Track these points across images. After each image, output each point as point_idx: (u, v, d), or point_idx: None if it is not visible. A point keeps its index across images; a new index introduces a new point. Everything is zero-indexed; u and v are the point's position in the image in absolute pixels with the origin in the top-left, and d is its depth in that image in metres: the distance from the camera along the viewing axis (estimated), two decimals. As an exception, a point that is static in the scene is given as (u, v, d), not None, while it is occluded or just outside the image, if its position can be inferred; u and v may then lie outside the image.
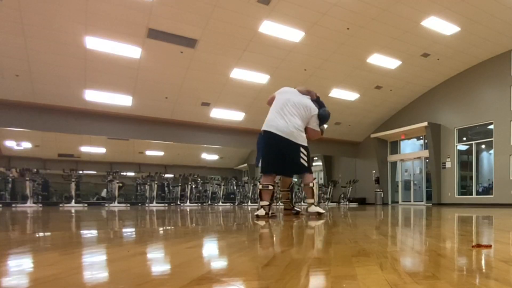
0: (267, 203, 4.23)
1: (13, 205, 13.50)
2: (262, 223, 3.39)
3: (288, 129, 4.25)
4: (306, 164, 4.30)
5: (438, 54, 13.31)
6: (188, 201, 16.59)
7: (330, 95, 15.46)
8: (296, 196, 18.50)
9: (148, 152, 23.41)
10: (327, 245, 1.76)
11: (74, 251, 1.55)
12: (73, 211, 7.90)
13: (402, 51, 12.88)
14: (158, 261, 1.35)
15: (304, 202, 17.86)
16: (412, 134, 17.45)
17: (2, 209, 9.47)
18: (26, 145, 20.19)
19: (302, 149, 4.27)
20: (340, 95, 15.60)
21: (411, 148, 18.46)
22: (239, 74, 13.34)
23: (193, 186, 17.40)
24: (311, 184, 4.44)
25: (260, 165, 4.40)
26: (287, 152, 4.26)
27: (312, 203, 4.47)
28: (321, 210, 4.47)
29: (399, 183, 18.51)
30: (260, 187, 4.31)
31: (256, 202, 17.08)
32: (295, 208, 5.17)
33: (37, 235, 2.36)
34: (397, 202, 18.41)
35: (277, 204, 11.24)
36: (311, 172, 4.50)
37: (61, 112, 13.45)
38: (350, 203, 17.75)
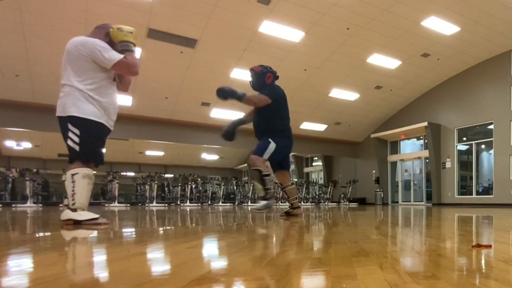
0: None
1: (13, 205, 13.50)
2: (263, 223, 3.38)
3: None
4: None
5: (438, 54, 13.31)
6: (188, 201, 16.59)
7: (330, 95, 15.47)
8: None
9: (148, 152, 23.41)
10: (327, 245, 1.76)
11: (74, 251, 1.56)
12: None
13: (402, 51, 12.88)
14: (158, 261, 1.35)
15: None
16: (412, 134, 17.44)
17: (2, 209, 9.47)
18: (26, 145, 20.19)
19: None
20: (340, 95, 15.60)
21: (411, 148, 18.46)
22: (239, 74, 13.33)
23: (193, 186, 17.40)
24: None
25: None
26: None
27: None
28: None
29: (399, 183, 18.51)
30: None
31: (256, 202, 17.07)
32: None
33: (37, 235, 2.36)
34: (397, 202, 18.41)
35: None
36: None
37: (61, 112, 13.43)
38: (350, 203, 17.75)
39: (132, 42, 3.09)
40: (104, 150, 3.19)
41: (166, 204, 16.54)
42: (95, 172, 3.16)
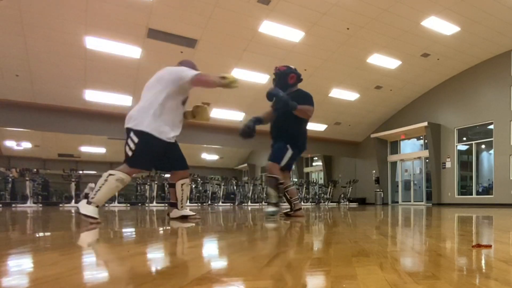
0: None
1: (13, 205, 13.49)
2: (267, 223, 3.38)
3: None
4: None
5: (438, 54, 13.31)
6: (188, 201, 16.58)
7: (330, 95, 15.46)
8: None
9: (148, 152, 23.34)
10: (327, 245, 1.76)
11: (74, 251, 1.56)
12: (73, 211, 7.89)
13: (402, 51, 12.88)
14: (158, 261, 1.35)
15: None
16: (412, 134, 17.44)
17: (2, 209, 9.47)
18: (26, 145, 20.19)
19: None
20: (340, 95, 15.60)
21: (411, 148, 18.46)
22: (239, 74, 13.32)
23: (193, 186, 17.38)
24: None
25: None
26: None
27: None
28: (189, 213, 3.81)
29: (399, 183, 18.51)
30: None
31: (256, 202, 17.08)
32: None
33: (37, 235, 2.36)
34: (397, 202, 18.41)
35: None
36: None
37: (61, 112, 13.44)
38: (350, 203, 17.75)
39: (227, 77, 3.42)
40: (154, 161, 3.45)
41: (166, 204, 16.53)
42: (135, 175, 3.72)
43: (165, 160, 3.46)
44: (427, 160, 16.86)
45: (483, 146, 15.56)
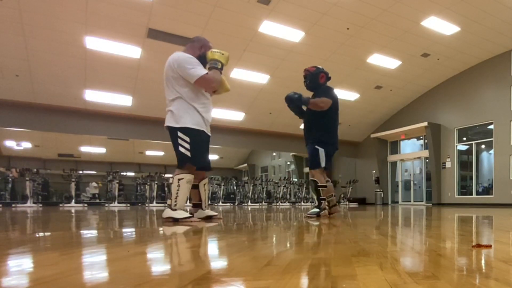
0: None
1: (13, 205, 13.49)
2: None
3: None
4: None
5: (438, 54, 13.31)
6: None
7: (330, 95, 15.44)
8: (296, 196, 18.52)
9: (148, 152, 23.40)
10: (327, 245, 1.76)
11: (74, 251, 1.55)
12: (73, 211, 7.89)
13: (402, 51, 12.88)
14: (158, 261, 1.35)
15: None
16: (412, 134, 17.44)
17: (2, 209, 9.47)
18: (26, 145, 20.19)
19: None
20: (340, 95, 15.45)
21: (411, 148, 18.46)
22: (239, 74, 13.33)
23: (193, 186, 17.36)
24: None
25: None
26: None
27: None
28: (177, 215, 3.34)
29: (399, 183, 18.51)
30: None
31: (256, 202, 17.08)
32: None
33: (37, 235, 2.36)
34: (397, 202, 18.40)
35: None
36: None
37: (61, 112, 13.44)
38: (350, 203, 17.74)
39: (220, 61, 3.48)
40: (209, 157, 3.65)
41: (166, 204, 16.55)
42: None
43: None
44: (427, 160, 16.86)
45: (483, 146, 15.56)
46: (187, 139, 3.31)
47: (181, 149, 3.32)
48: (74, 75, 12.07)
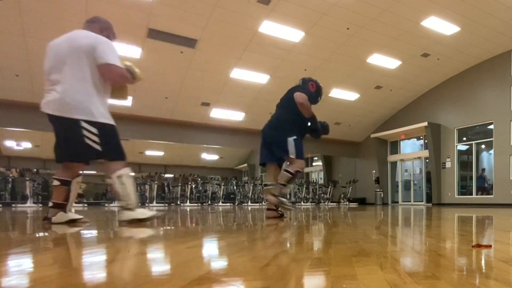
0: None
1: (13, 205, 13.49)
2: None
3: None
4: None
5: (438, 54, 13.31)
6: (188, 201, 16.58)
7: (330, 95, 15.45)
8: (296, 196, 18.51)
9: (148, 152, 23.40)
10: (327, 245, 1.76)
11: (74, 251, 1.56)
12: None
13: (402, 51, 12.88)
14: (158, 261, 1.35)
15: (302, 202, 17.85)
16: (412, 134, 17.44)
17: (2, 209, 9.47)
18: (26, 145, 20.19)
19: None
20: (340, 95, 15.59)
21: (411, 148, 18.45)
22: (239, 74, 13.34)
23: (193, 186, 17.39)
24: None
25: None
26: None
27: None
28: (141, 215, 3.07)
29: (399, 183, 18.50)
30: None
31: (256, 202, 17.07)
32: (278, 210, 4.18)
33: (37, 235, 2.36)
34: (397, 202, 18.40)
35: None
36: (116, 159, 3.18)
37: (61, 112, 13.42)
38: (350, 203, 17.74)
39: (135, 71, 3.24)
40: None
41: (166, 204, 16.54)
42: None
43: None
44: (427, 160, 16.85)
45: (483, 146, 15.55)
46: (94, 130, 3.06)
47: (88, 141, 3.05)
48: (74, 75, 12.05)
